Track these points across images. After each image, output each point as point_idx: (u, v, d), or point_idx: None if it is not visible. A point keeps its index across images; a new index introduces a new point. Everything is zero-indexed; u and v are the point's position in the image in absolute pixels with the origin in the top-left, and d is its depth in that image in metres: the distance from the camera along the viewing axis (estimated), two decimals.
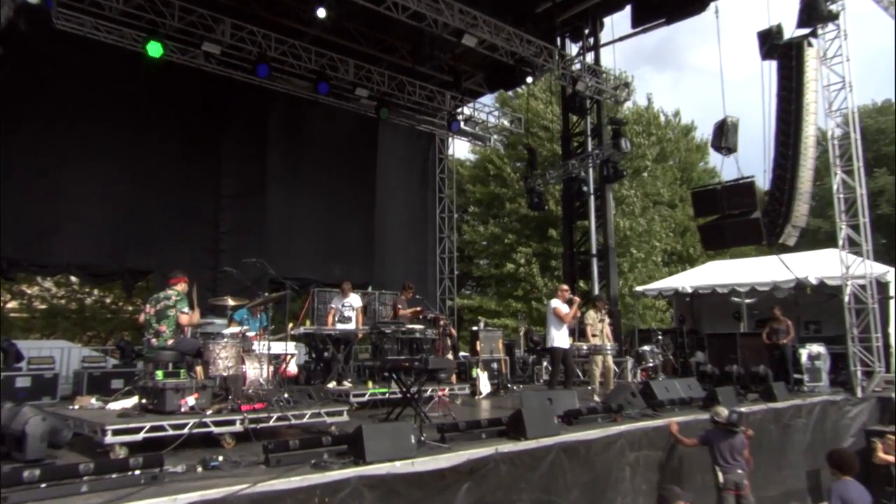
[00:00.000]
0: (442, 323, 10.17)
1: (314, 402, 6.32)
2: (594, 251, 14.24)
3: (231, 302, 7.26)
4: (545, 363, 13.41)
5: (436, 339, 9.86)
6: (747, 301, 14.61)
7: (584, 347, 9.22)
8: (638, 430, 6.62)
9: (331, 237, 14.13)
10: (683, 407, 7.92)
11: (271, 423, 5.71)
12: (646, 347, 10.19)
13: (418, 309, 10.03)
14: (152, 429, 5.17)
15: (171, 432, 5.23)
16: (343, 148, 15.04)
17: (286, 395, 6.11)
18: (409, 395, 7.12)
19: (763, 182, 11.83)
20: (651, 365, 10.07)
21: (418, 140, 16.97)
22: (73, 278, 19.47)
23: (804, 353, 10.27)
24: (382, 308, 11.69)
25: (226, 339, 6.32)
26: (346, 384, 8.96)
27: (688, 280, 14.78)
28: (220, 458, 4.68)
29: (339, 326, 9.39)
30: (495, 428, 5.80)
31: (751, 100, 12.66)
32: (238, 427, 5.57)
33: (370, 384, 8.76)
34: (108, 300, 22.11)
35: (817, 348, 10.27)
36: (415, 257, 16.47)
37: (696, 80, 62.45)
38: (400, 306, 10.04)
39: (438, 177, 17.66)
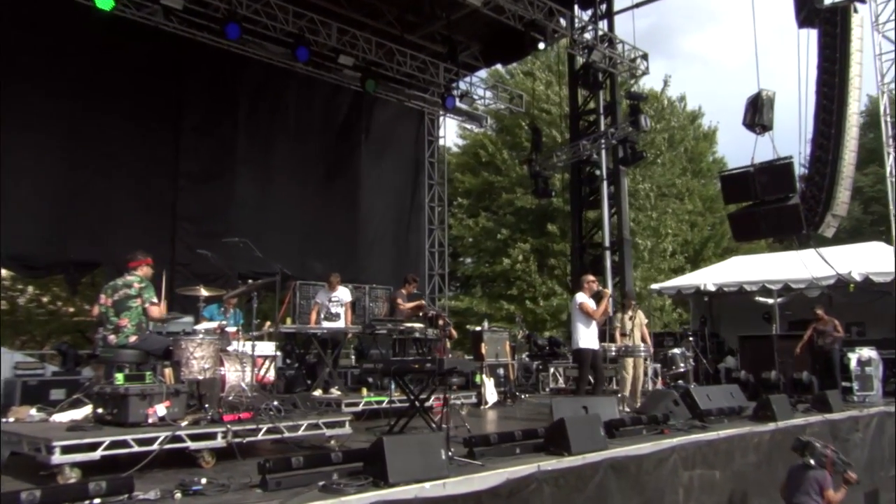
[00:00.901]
0: (442, 322, 9.67)
1: (308, 411, 5.75)
2: (607, 243, 13.85)
3: (204, 292, 6.65)
4: (552, 370, 13.04)
5: (437, 339, 9.36)
6: (774, 301, 14.33)
7: (613, 349, 8.78)
8: (690, 445, 6.21)
9: (308, 226, 13.54)
10: (733, 418, 7.59)
11: (260, 436, 5.15)
12: (675, 351, 9.77)
13: (421, 303, 9.53)
14: (112, 445, 4.59)
15: (136, 449, 4.66)
16: (323, 125, 14.50)
17: (275, 403, 5.51)
18: (417, 404, 6.60)
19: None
20: (682, 370, 9.64)
21: (407, 118, 16.48)
22: (2, 272, 18.43)
23: (853, 359, 9.99)
24: (374, 305, 11.13)
25: (202, 336, 5.72)
26: (335, 392, 8.46)
27: (710, 277, 14.47)
28: (204, 480, 4.08)
29: (326, 325, 8.88)
30: (531, 441, 5.40)
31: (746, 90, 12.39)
32: (220, 441, 4.98)
33: (365, 391, 8.29)
34: (45, 299, 21.09)
35: (868, 352, 10.00)
36: (403, 251, 16.00)
37: (690, 69, 62.97)
38: (400, 300, 9.52)
39: (428, 161, 17.17)
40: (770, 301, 14.63)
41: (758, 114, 11.45)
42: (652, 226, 23.22)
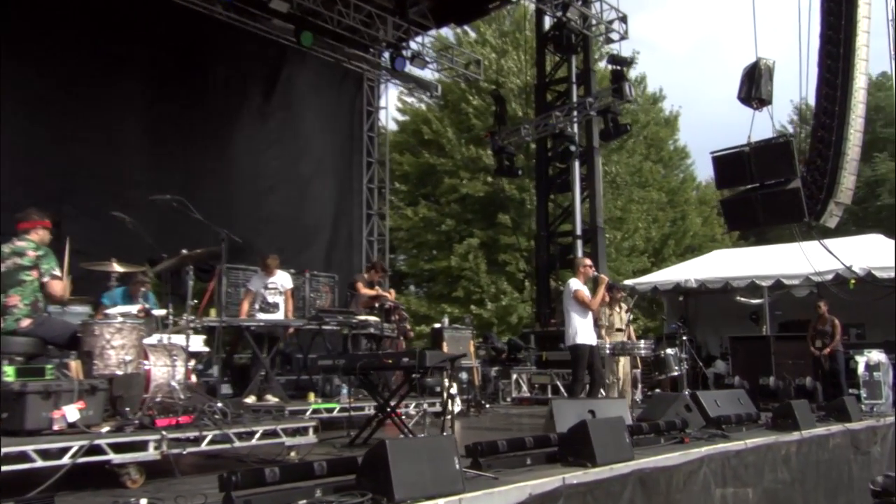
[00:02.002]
0: (398, 317, 9.21)
1: (261, 416, 5.13)
2: (579, 231, 13.63)
3: (118, 268, 5.89)
4: (514, 376, 12.74)
5: (393, 336, 8.90)
6: (757, 301, 14.47)
7: (608, 347, 8.48)
8: (718, 456, 5.95)
9: (227, 203, 12.62)
10: (749, 426, 7.37)
11: (204, 445, 4.48)
12: (669, 351, 9.53)
13: (382, 293, 9.00)
14: (6, 459, 3.84)
15: (39, 464, 3.98)
16: (247, 84, 13.69)
17: (219, 405, 4.86)
18: (388, 409, 6.08)
19: None
20: (677, 374, 9.43)
21: (345, 83, 15.83)
22: None
23: (861, 362, 10.01)
24: (316, 296, 10.46)
25: (121, 321, 4.98)
26: (271, 398, 7.81)
27: (691, 272, 14.43)
28: (144, 501, 3.43)
29: (262, 316, 8.21)
30: (543, 450, 5.06)
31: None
32: (152, 453, 4.31)
33: (312, 397, 7.71)
34: None
35: (877, 356, 10.04)
36: (338, 239, 15.36)
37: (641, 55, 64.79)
38: (360, 284, 9.02)
39: (367, 135, 16.56)
40: (754, 301, 14.82)
41: (755, 86, 11.41)
42: (618, 216, 23.30)
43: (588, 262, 8.37)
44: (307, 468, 3.68)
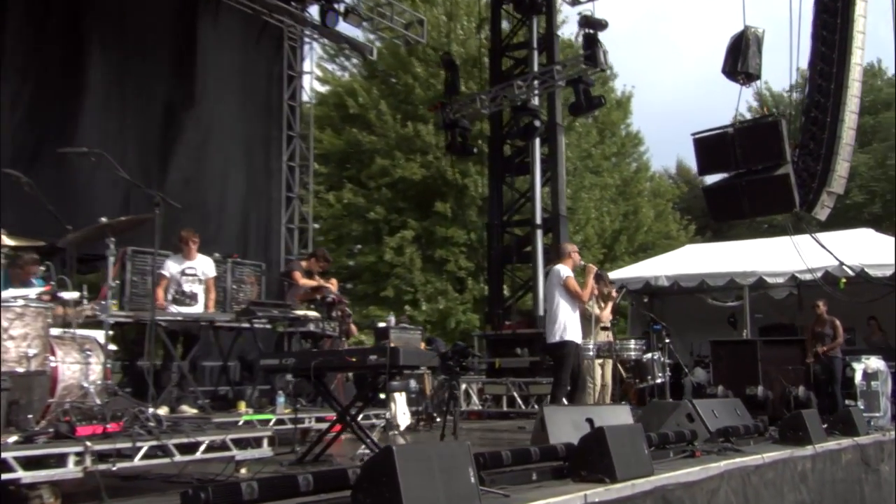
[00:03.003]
0: (341, 313, 8.91)
1: (206, 424, 4.76)
2: (538, 220, 13.53)
3: (7, 241, 5.34)
4: (464, 386, 12.57)
5: (335, 335, 8.61)
6: (733, 303, 14.72)
7: (591, 347, 8.38)
8: (738, 471, 5.93)
9: (120, 177, 11.97)
10: (757, 439, 7.49)
11: (137, 460, 4.08)
12: (650, 356, 9.52)
13: (325, 284, 8.67)
14: None
15: None
16: (147, 39, 12.94)
17: (151, 411, 4.44)
18: (349, 419, 5.76)
19: None
20: (660, 381, 9.42)
21: (262, 42, 15.23)
22: None
23: (858, 370, 10.19)
24: (239, 288, 9.98)
25: (22, 304, 4.49)
26: (187, 409, 7.46)
27: (662, 268, 14.56)
28: None
29: (177, 310, 7.73)
30: (548, 464, 4.97)
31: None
32: (73, 470, 3.87)
33: (243, 407, 7.38)
34: None
35: (876, 363, 10.24)
36: (253, 223, 14.73)
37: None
38: (298, 274, 8.77)
39: (287, 104, 16.03)
40: (729, 303, 15.06)
41: (741, 58, 11.53)
42: (567, 206, 23.47)
43: (574, 247, 8.28)
44: (290, 483, 3.37)
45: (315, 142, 23.52)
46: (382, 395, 8.24)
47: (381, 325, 10.32)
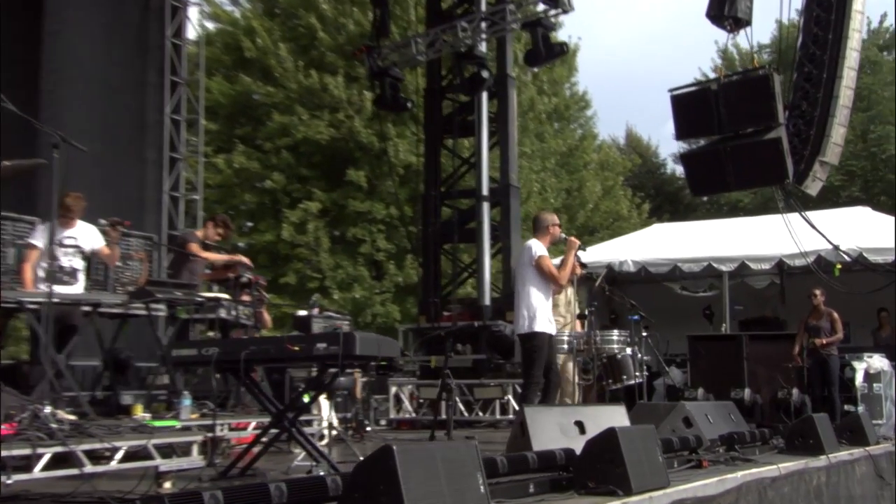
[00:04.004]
0: (257, 294, 8.74)
1: (120, 426, 4.47)
2: (485, 191, 13.41)
3: None
4: (394, 390, 12.45)
5: (249, 323, 8.54)
6: (707, 293, 14.91)
7: (566, 338, 8.32)
8: (754, 484, 5.99)
9: None
10: (763, 448, 7.72)
11: (37, 470, 3.80)
12: (628, 351, 9.49)
13: (239, 258, 8.36)
14: None
15: None
16: None
17: (48, 410, 4.13)
18: (287, 422, 5.50)
19: None
20: (637, 381, 9.42)
21: None
22: None
23: (859, 370, 10.41)
24: (124, 265, 9.50)
25: None
26: (64, 414, 6.99)
27: (627, 252, 14.65)
28: None
29: (54, 290, 7.27)
30: (547, 475, 4.98)
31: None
32: None
33: (139, 410, 7.16)
34: None
35: (879, 362, 10.48)
36: (123, 190, 14.16)
37: None
38: (195, 246, 8.61)
39: (170, 42, 15.48)
40: (700, 293, 15.22)
41: (728, 1, 11.62)
42: None
43: (555, 217, 8.15)
44: (261, 492, 3.12)
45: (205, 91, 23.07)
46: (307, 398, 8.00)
47: (302, 312, 10.06)
